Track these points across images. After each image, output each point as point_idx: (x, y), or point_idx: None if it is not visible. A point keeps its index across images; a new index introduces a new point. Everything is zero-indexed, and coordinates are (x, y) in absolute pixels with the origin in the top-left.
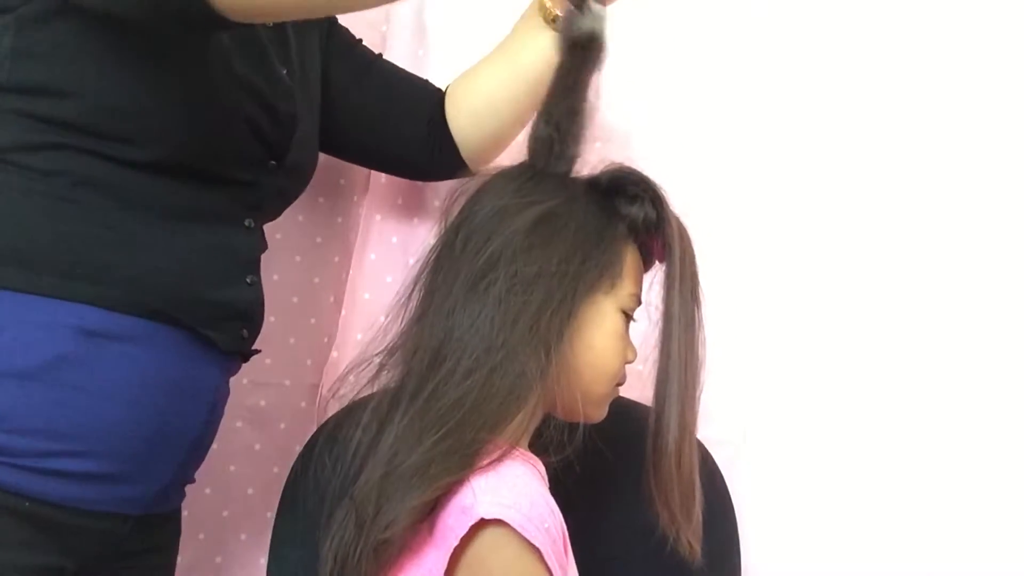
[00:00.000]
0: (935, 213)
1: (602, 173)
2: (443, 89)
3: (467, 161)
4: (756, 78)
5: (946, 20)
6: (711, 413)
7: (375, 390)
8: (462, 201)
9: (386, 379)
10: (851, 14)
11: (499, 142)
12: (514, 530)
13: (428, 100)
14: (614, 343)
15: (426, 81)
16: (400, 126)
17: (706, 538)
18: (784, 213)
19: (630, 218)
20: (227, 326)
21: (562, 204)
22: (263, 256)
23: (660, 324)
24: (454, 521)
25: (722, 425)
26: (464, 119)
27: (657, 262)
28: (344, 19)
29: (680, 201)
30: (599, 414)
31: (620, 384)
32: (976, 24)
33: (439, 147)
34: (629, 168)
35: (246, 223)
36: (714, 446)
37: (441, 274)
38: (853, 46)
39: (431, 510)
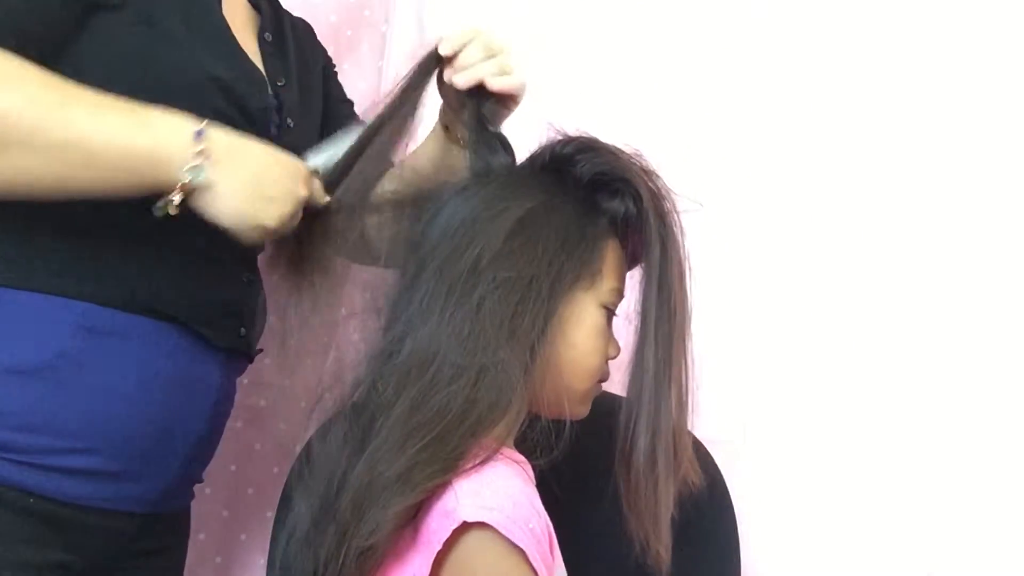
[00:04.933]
0: (933, 212)
1: (583, 168)
2: None
3: None
4: (752, 79)
5: (946, 20)
6: (710, 412)
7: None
8: (435, 208)
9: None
10: (851, 14)
11: None
12: (498, 532)
13: None
14: (595, 340)
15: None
16: None
17: (706, 538)
18: (783, 211)
19: (611, 213)
20: (224, 324)
21: (540, 205)
22: (263, 255)
23: (638, 325)
24: (437, 525)
25: (721, 424)
26: None
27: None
28: (343, 16)
29: (679, 199)
30: (582, 411)
31: (603, 380)
32: (976, 24)
33: None
34: (614, 162)
35: None
36: (714, 445)
37: (419, 280)
38: (855, 47)
39: (414, 514)
